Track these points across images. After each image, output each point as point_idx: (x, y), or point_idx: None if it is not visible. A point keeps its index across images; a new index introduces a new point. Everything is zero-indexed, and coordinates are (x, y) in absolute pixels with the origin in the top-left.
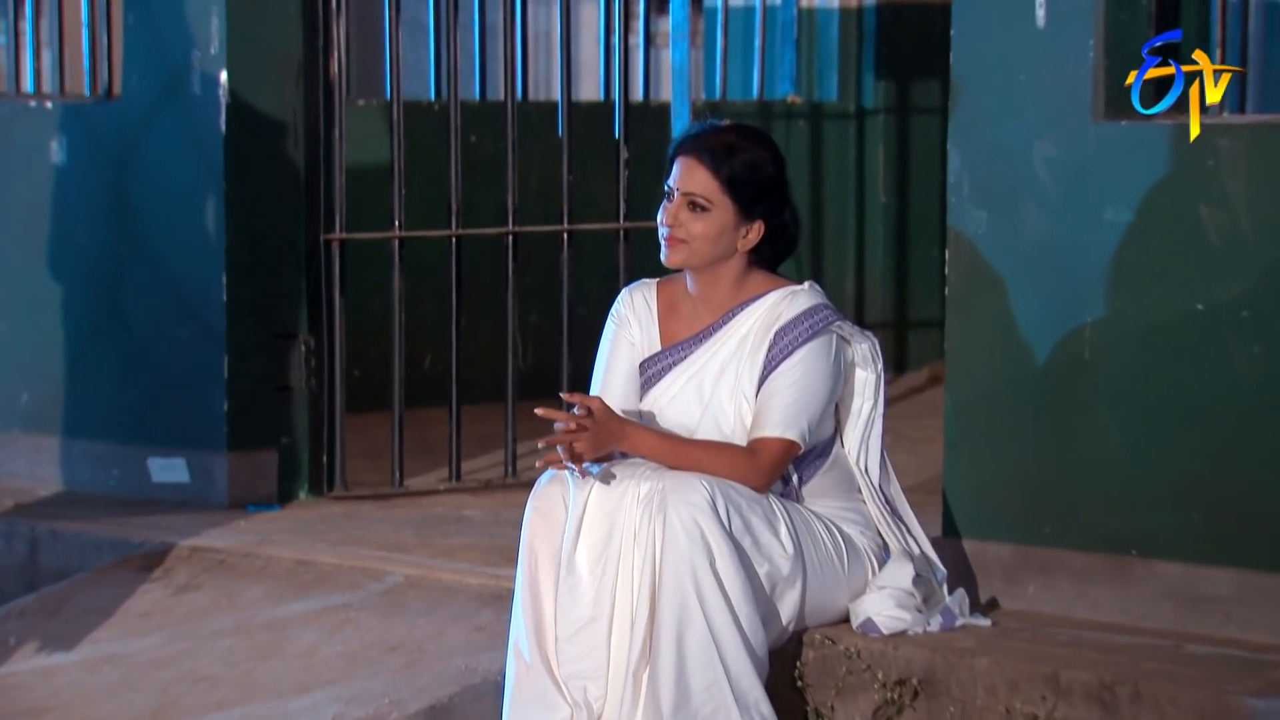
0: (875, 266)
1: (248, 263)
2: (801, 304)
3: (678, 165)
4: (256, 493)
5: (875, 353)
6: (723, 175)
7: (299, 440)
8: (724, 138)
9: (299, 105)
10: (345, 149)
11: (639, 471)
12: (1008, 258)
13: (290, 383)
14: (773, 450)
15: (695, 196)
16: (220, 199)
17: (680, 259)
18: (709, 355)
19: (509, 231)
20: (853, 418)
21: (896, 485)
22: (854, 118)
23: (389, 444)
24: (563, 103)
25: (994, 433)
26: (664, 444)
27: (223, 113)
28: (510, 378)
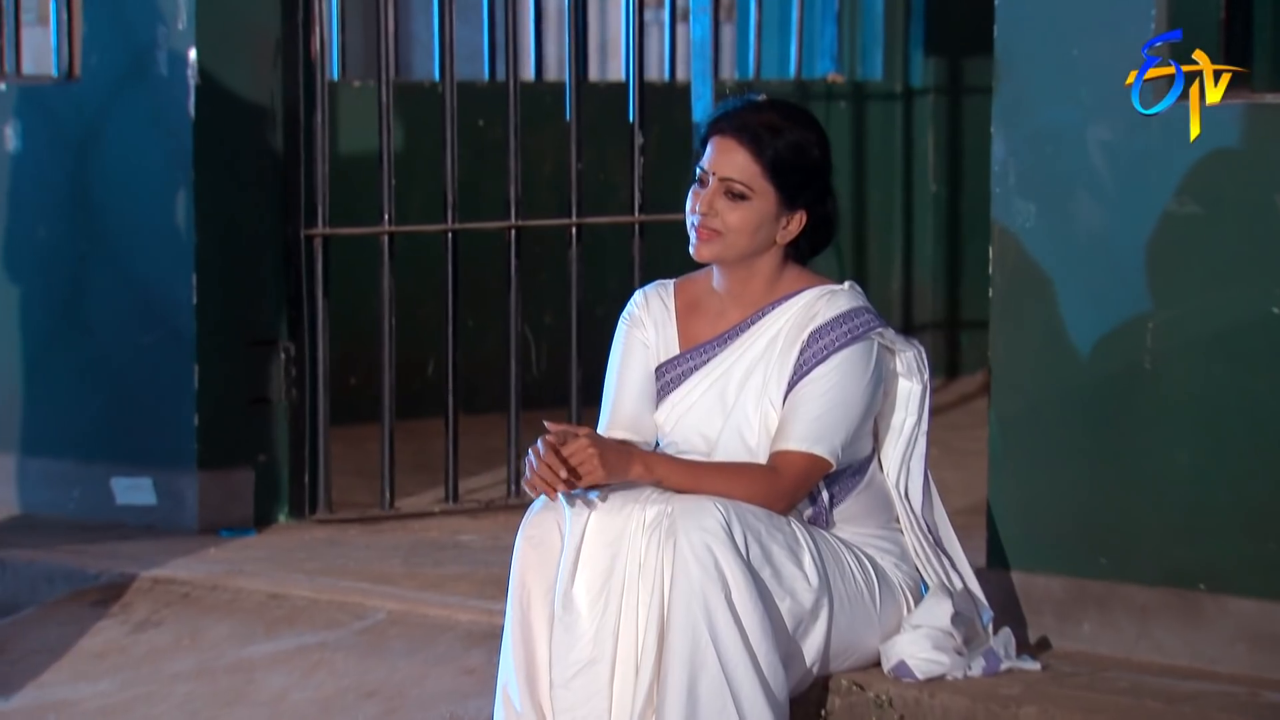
0: (924, 262)
1: (220, 261)
2: (840, 305)
3: (712, 146)
4: (230, 516)
5: (922, 362)
6: (765, 159)
7: (278, 458)
8: (766, 117)
9: (277, 86)
10: (328, 135)
11: (644, 495)
12: (1058, 255)
13: (268, 394)
14: (797, 466)
15: (734, 182)
16: (190, 190)
17: (713, 253)
18: (735, 358)
19: (511, 226)
20: (893, 434)
21: (942, 511)
22: (901, 98)
23: None
24: (570, 82)
25: (1044, 451)
26: (675, 468)
27: (192, 95)
28: (513, 386)
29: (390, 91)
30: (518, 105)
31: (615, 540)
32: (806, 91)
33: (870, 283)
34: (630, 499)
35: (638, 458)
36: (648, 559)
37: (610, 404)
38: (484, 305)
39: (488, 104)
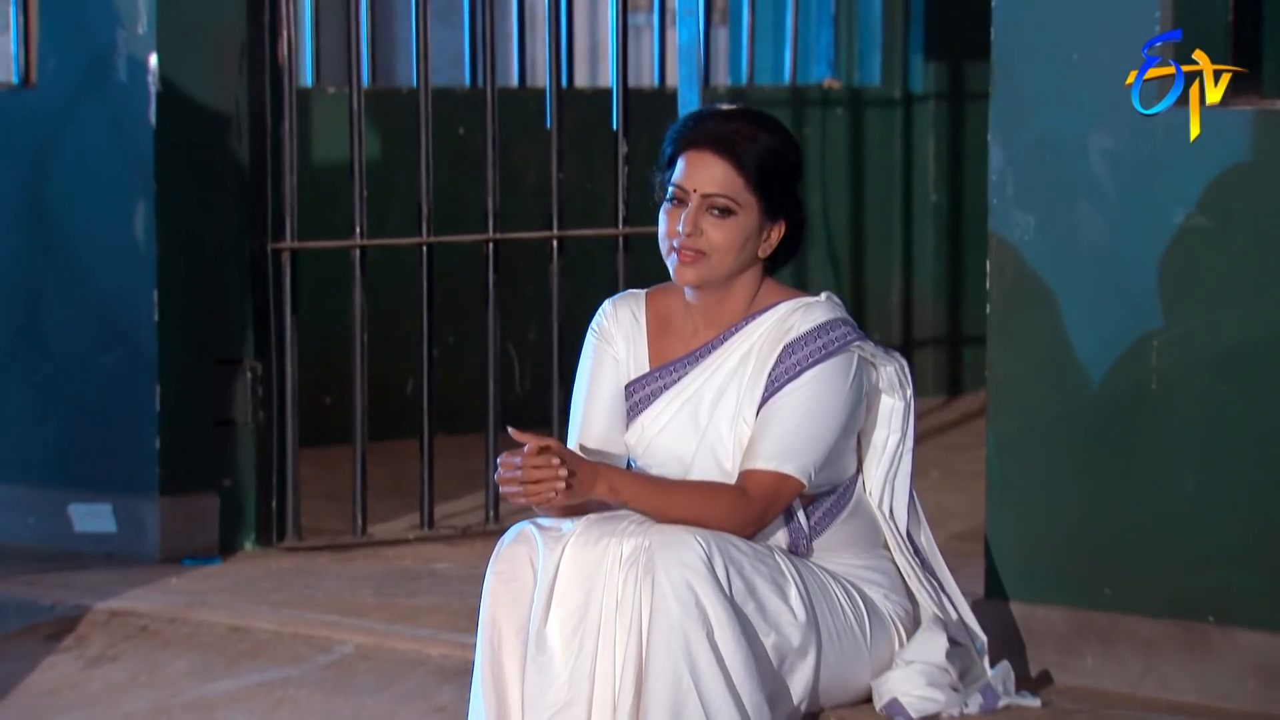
0: (925, 274)
1: (183, 277)
2: (817, 317)
3: (685, 162)
4: (194, 544)
5: (904, 377)
6: (749, 169)
7: (244, 483)
8: (737, 126)
9: (242, 93)
10: (297, 143)
11: (621, 527)
12: (1059, 269)
13: (234, 416)
14: (764, 487)
15: (719, 198)
16: (151, 202)
17: (699, 275)
18: (706, 376)
19: (489, 239)
20: (875, 452)
21: (929, 534)
22: (900, 105)
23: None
24: (551, 88)
25: (1044, 475)
26: (645, 487)
27: (153, 102)
28: (491, 406)
29: (361, 98)
30: (496, 112)
31: (590, 576)
32: (802, 98)
33: (869, 296)
34: (606, 531)
35: (604, 476)
36: (625, 595)
37: (579, 422)
38: (465, 321)
39: (469, 110)
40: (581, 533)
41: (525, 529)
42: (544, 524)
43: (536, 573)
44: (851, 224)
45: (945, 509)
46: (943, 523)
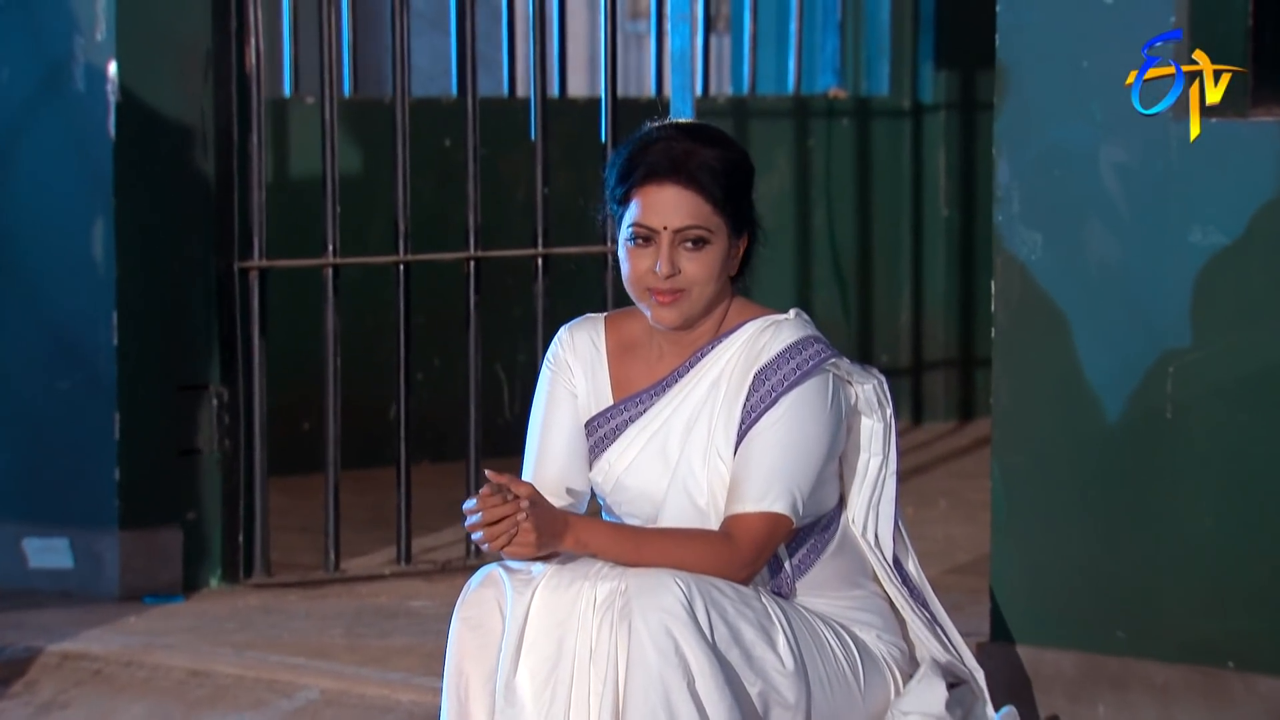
0: (936, 293)
1: (144, 297)
2: (787, 337)
3: (645, 197)
4: (155, 581)
5: (883, 395)
6: (714, 192)
7: (209, 516)
8: (687, 146)
9: (208, 104)
10: (265, 157)
11: (595, 569)
12: (1069, 290)
13: (198, 445)
14: (754, 530)
15: (691, 230)
16: (110, 219)
17: (683, 313)
18: (674, 406)
19: (470, 257)
20: (858, 478)
21: (917, 563)
22: (909, 115)
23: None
24: (535, 97)
25: (1053, 511)
26: (613, 539)
27: (112, 113)
28: (472, 433)
29: (334, 108)
30: (477, 123)
31: (563, 622)
32: (806, 108)
33: (876, 316)
34: (579, 574)
35: (572, 529)
36: (599, 643)
37: (533, 464)
38: (451, 342)
39: (455, 122)
40: (552, 575)
41: (493, 572)
42: (513, 566)
43: (505, 618)
44: (858, 240)
45: (953, 541)
46: (949, 555)
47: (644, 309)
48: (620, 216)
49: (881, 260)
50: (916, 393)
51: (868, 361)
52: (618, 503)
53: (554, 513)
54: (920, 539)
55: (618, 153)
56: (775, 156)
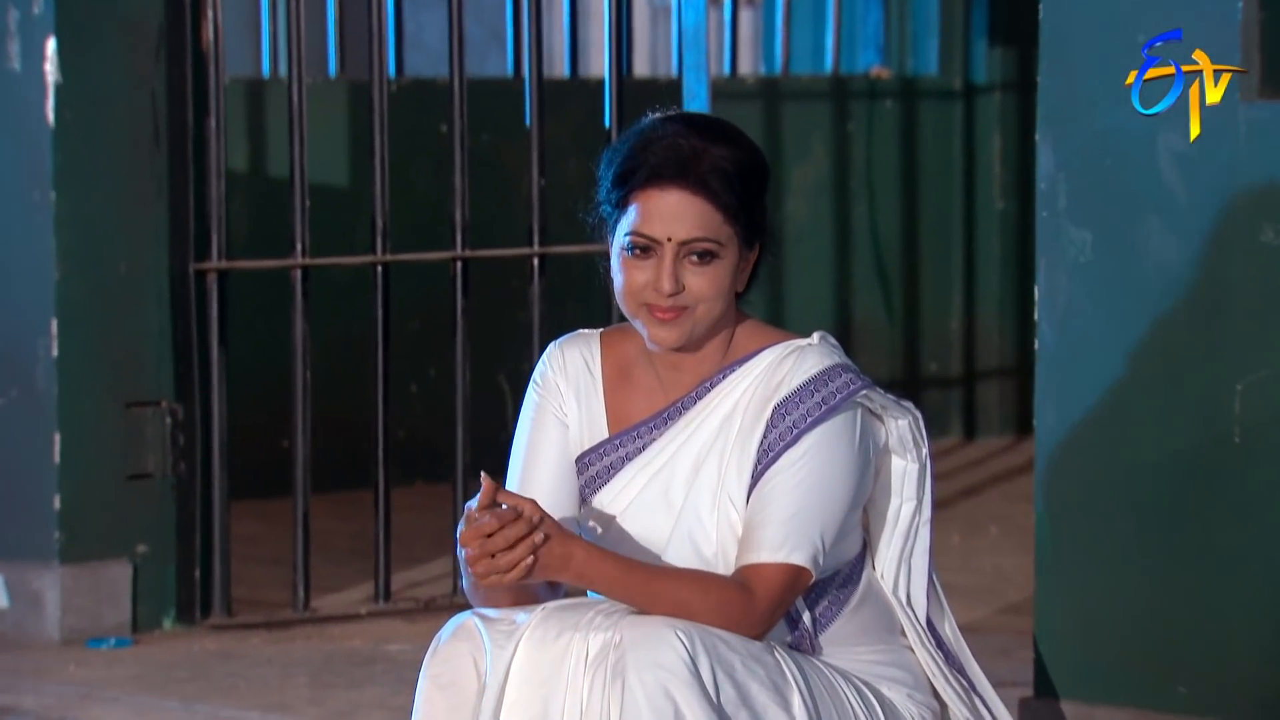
0: (990, 295)
1: (88, 303)
2: (811, 366)
3: (645, 203)
4: (101, 622)
5: (918, 433)
6: (727, 200)
7: (161, 548)
8: (694, 143)
9: (160, 85)
10: (224, 144)
11: (587, 619)
12: (1122, 296)
13: (149, 468)
14: (771, 582)
15: (701, 243)
16: (49, 215)
17: (684, 333)
18: (679, 443)
19: (456, 257)
20: (888, 527)
21: (953, 623)
22: (960, 97)
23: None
24: (531, 80)
25: (1105, 549)
26: (624, 571)
27: (51, 95)
28: (459, 453)
29: (301, 89)
30: (464, 106)
31: (549, 680)
32: (845, 89)
33: (924, 320)
34: (568, 624)
35: (576, 556)
36: (590, 705)
37: None
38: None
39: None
40: (538, 625)
41: (467, 621)
42: (490, 615)
43: (482, 676)
44: (903, 237)
45: (1003, 574)
46: (997, 592)
47: (639, 326)
48: (615, 221)
49: (929, 259)
50: (969, 405)
51: (916, 372)
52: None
53: (559, 536)
54: (966, 571)
55: (614, 148)
56: (811, 143)
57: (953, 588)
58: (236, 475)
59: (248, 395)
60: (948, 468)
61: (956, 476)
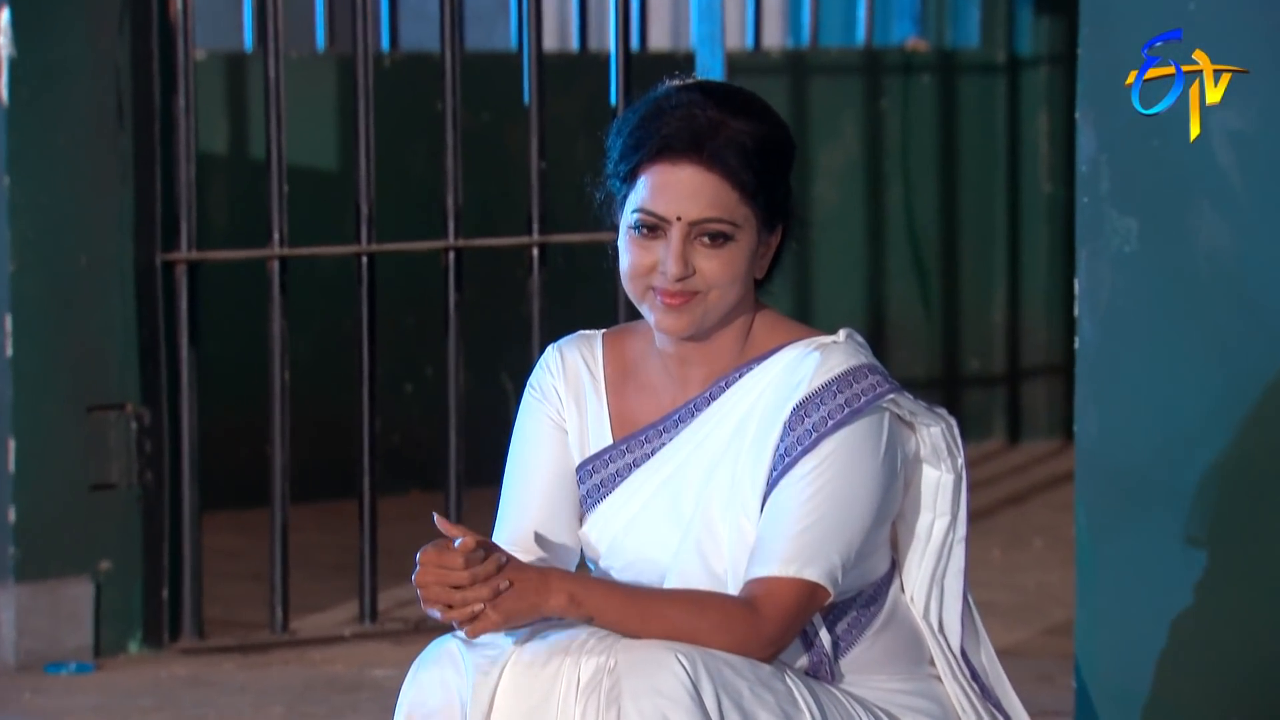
0: (1036, 286)
1: (45, 298)
2: (834, 365)
3: (655, 178)
4: (60, 646)
5: (953, 441)
6: (744, 177)
7: (126, 566)
8: (711, 115)
9: (124, 60)
10: (195, 124)
11: (578, 642)
12: (1171, 290)
13: (112, 478)
14: (782, 599)
15: (712, 223)
16: (2, 202)
17: (694, 322)
18: (690, 449)
19: (449, 247)
20: (918, 543)
21: (990, 651)
22: (1004, 71)
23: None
24: (530, 52)
25: (1151, 565)
26: (614, 600)
27: (4, 70)
28: (452, 459)
29: (279, 63)
30: (458, 82)
31: (537, 709)
32: (879, 63)
33: (965, 313)
34: (558, 648)
35: (558, 585)
36: None
37: (510, 514)
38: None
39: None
40: (526, 650)
41: (448, 646)
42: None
43: (463, 706)
44: (942, 223)
45: (1048, 592)
46: (1041, 611)
47: (645, 313)
48: (623, 197)
49: (970, 248)
50: (1013, 406)
51: (956, 370)
52: (613, 568)
53: (526, 572)
54: (1007, 588)
55: (624, 117)
56: (841, 122)
57: (992, 606)
58: (214, 484)
59: (226, 398)
60: (990, 474)
61: (999, 484)
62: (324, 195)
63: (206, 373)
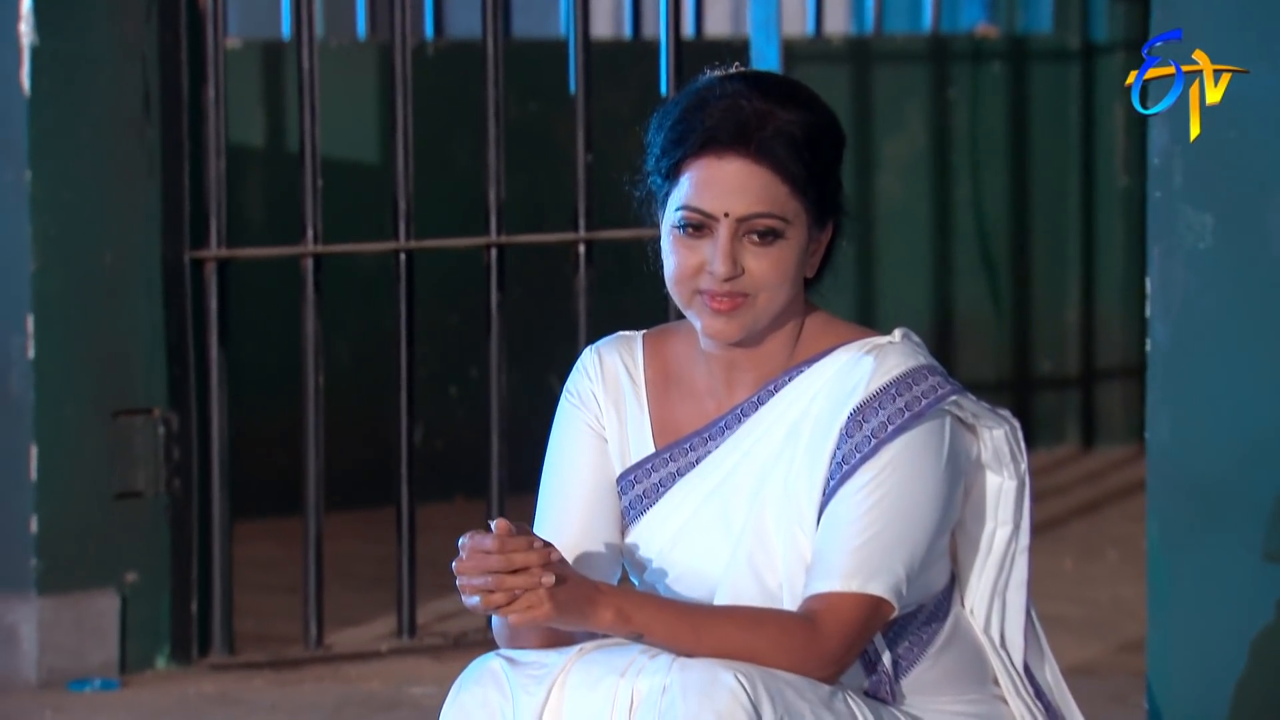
0: (1111, 284)
1: (69, 298)
2: (892, 367)
3: (699, 173)
4: (85, 661)
5: (1016, 445)
6: (794, 170)
7: (154, 578)
8: (759, 105)
9: (151, 50)
10: (225, 115)
11: (629, 661)
12: (1248, 289)
13: (139, 486)
14: (845, 615)
15: (761, 219)
16: (25, 196)
17: (744, 326)
18: (739, 455)
19: (491, 243)
20: (979, 555)
21: (1055, 667)
22: (1079, 58)
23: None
24: (576, 38)
25: (1228, 580)
26: (665, 616)
27: (26, 60)
28: (493, 464)
29: (313, 50)
30: (499, 69)
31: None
32: (946, 50)
33: (1036, 313)
34: (609, 666)
35: (606, 598)
36: None
37: (545, 528)
38: None
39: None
40: (574, 670)
41: (492, 663)
42: (518, 658)
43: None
44: (1013, 218)
45: (1122, 606)
46: (1115, 627)
47: (691, 318)
48: (666, 195)
49: (1042, 242)
50: (1087, 409)
51: (1027, 371)
52: (659, 583)
53: (578, 578)
54: (1079, 602)
55: (665, 110)
56: (906, 112)
57: (1063, 621)
58: (246, 491)
59: (258, 401)
60: (1062, 481)
61: (1072, 491)
62: (366, 190)
63: (237, 376)
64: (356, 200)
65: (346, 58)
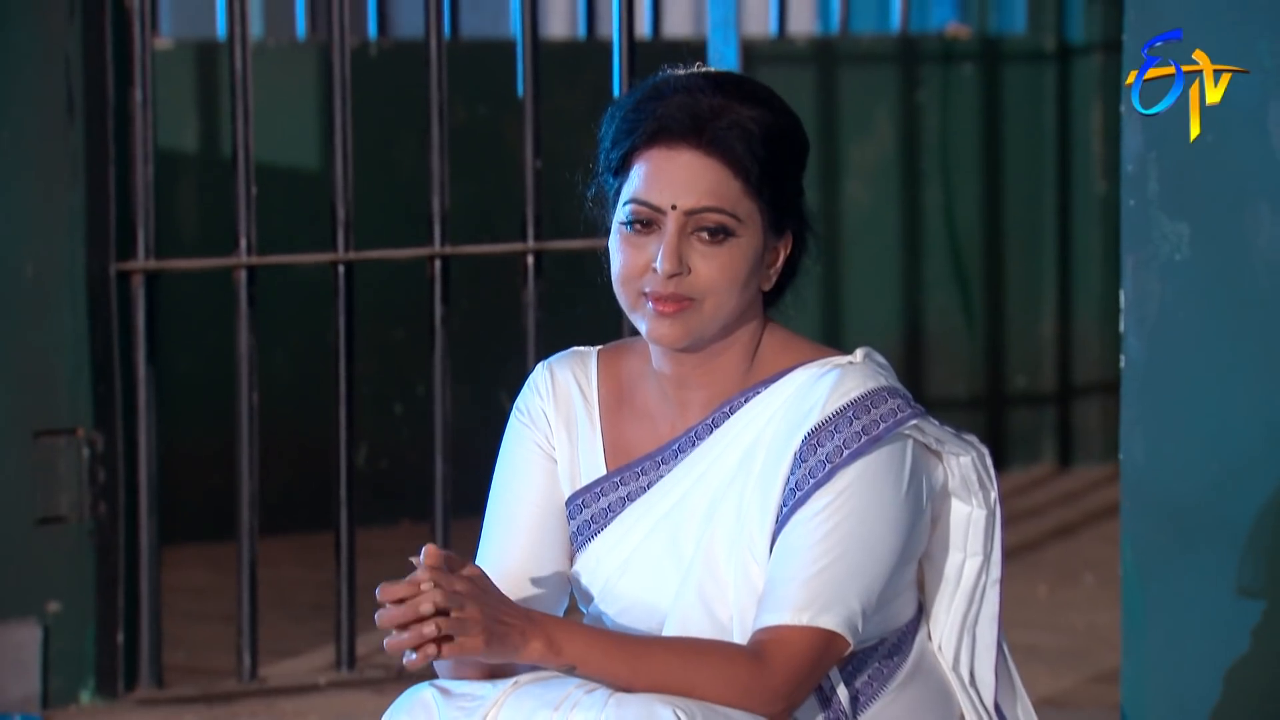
0: (1089, 296)
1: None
2: (851, 389)
3: (649, 164)
4: (5, 695)
5: (985, 472)
6: (748, 166)
7: (78, 606)
8: (715, 100)
9: (75, 49)
10: (153, 120)
11: (565, 694)
12: (1226, 303)
13: (62, 510)
14: (792, 650)
15: (710, 213)
16: None
17: (689, 330)
18: (692, 480)
19: (435, 254)
20: (947, 586)
21: (1027, 705)
22: (1054, 60)
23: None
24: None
25: (1204, 605)
26: (601, 647)
27: None
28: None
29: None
30: (444, 69)
31: None
32: (915, 51)
33: (1010, 327)
34: (543, 700)
35: (536, 628)
36: None
37: (490, 552)
38: None
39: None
40: (508, 704)
41: (424, 695)
42: (452, 689)
43: None
44: (986, 227)
45: (1097, 634)
46: (1090, 656)
47: (637, 322)
48: (615, 191)
49: (1017, 253)
50: (1063, 427)
51: (1001, 388)
52: (606, 614)
53: (510, 606)
54: (1054, 629)
55: (618, 104)
56: (874, 116)
57: (1036, 651)
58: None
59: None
60: (1037, 502)
61: (1047, 513)
62: (305, 198)
63: (167, 393)
64: (295, 209)
65: (284, 59)
